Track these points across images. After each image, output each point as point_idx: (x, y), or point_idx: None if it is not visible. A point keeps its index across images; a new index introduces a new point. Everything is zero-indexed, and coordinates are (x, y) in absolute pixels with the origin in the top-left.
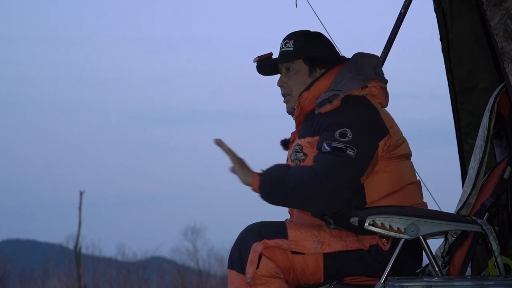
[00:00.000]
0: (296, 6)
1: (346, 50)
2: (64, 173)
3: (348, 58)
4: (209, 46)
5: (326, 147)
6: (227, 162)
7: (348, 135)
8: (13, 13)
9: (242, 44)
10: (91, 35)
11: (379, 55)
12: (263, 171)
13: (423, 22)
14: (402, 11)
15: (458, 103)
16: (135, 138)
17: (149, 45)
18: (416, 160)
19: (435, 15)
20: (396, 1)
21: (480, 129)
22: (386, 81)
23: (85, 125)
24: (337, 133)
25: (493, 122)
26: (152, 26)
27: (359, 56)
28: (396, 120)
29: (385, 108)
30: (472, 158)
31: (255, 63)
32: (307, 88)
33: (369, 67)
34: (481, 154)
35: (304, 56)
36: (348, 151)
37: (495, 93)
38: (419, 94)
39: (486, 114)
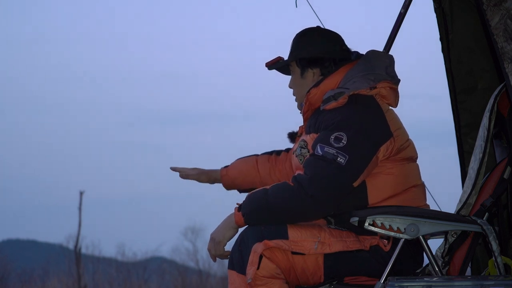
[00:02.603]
0: (296, 6)
1: None
2: (64, 173)
3: (361, 55)
4: (209, 46)
5: (319, 151)
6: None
7: (343, 140)
8: (5, 13)
9: (242, 44)
10: (90, 35)
11: None
12: (240, 204)
13: (423, 22)
14: (402, 11)
15: (458, 103)
16: (135, 138)
17: (150, 45)
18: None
19: (435, 15)
20: (396, 1)
21: (480, 129)
22: (398, 81)
23: (85, 125)
24: (332, 137)
25: (493, 122)
26: (152, 26)
27: (372, 55)
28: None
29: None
30: (472, 158)
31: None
32: (316, 85)
33: (381, 67)
34: (481, 154)
35: (296, 58)
36: (339, 159)
37: (495, 93)
38: (418, 94)
39: (486, 114)
